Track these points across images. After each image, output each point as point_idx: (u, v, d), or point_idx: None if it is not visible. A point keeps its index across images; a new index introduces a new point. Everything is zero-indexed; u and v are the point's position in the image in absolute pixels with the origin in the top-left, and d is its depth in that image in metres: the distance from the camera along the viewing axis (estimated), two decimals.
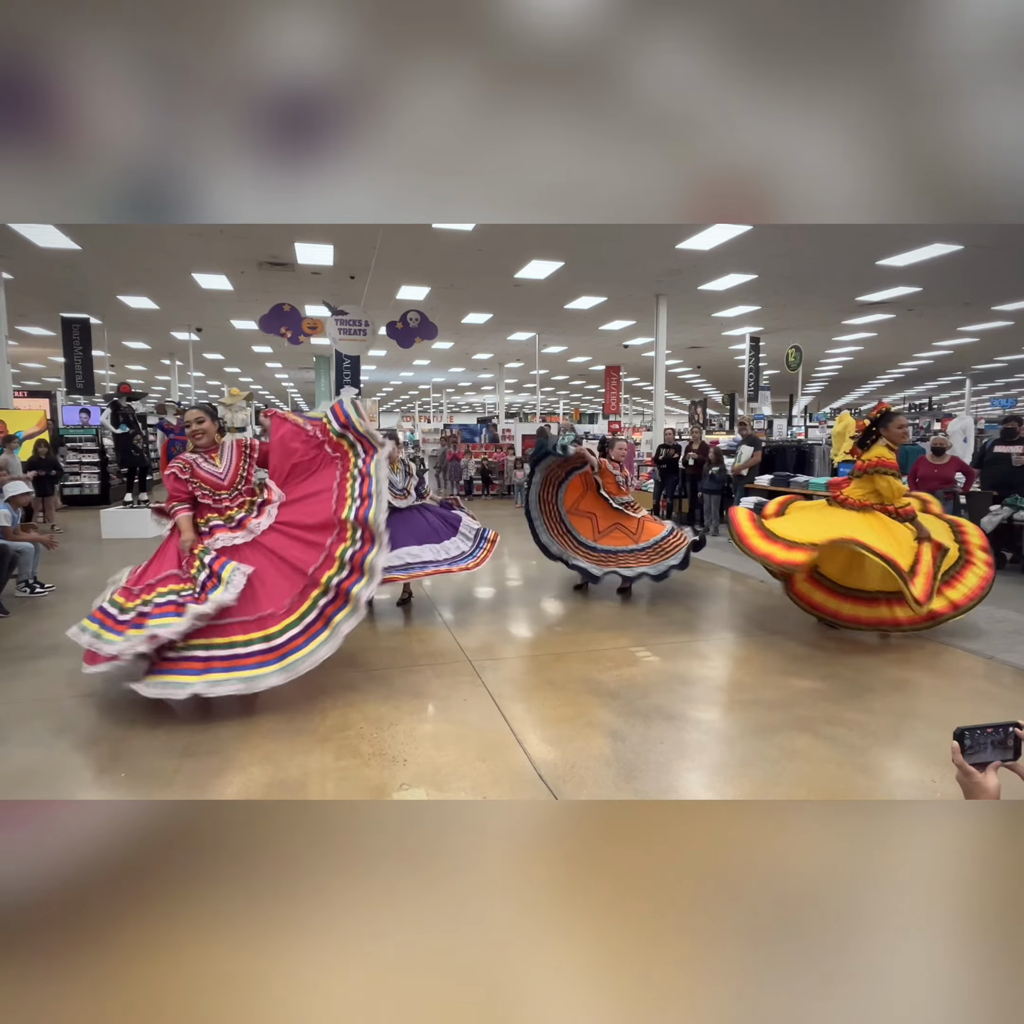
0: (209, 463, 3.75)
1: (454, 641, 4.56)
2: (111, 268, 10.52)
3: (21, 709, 3.41)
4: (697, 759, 2.97)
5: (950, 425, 13.20)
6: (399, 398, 35.99)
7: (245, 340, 17.18)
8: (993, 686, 3.82)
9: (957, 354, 19.67)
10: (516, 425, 17.63)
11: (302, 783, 2.72)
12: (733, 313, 13.95)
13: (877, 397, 31.89)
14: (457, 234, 8.92)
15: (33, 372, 23.43)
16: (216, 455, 3.80)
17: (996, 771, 1.11)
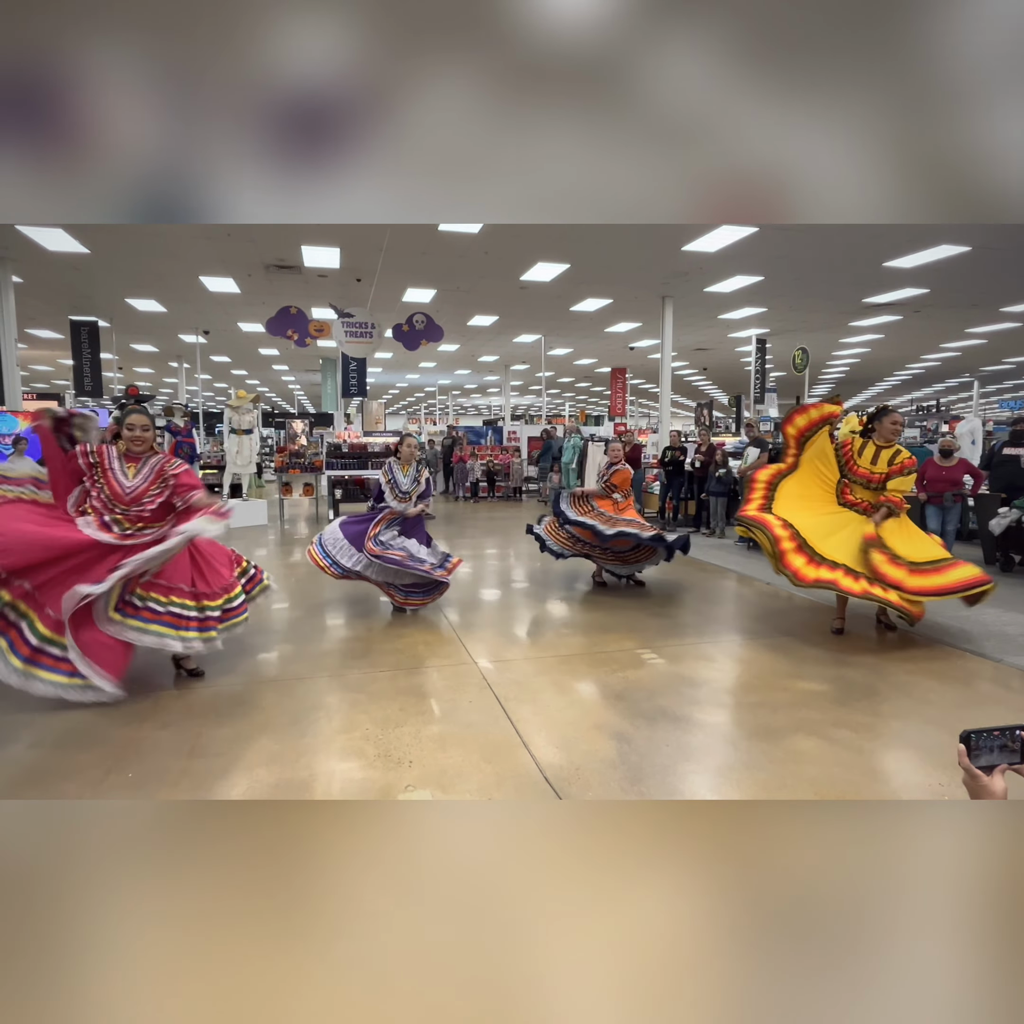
0: (123, 472, 3.58)
1: (460, 643, 4.57)
2: (119, 271, 10.60)
3: (29, 709, 3.42)
4: (703, 761, 2.96)
5: (958, 427, 13.14)
6: (405, 400, 36.07)
7: (252, 342, 17.27)
8: (1001, 689, 3.79)
9: (965, 356, 19.57)
10: (522, 427, 17.65)
11: (308, 784, 2.73)
12: (739, 315, 13.93)
13: (884, 399, 31.76)
14: (463, 236, 8.94)
15: (42, 375, 23.60)
16: (135, 467, 3.61)
17: (1003, 774, 1.10)
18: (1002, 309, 13.40)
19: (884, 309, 13.30)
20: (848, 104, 1.02)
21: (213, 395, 31.09)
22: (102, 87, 0.98)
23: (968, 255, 9.61)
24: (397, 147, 1.04)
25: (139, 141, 1.02)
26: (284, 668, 4.08)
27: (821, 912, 0.83)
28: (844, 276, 10.95)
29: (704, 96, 1.03)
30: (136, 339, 16.61)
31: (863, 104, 1.02)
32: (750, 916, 0.83)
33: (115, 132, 1.01)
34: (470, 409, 40.41)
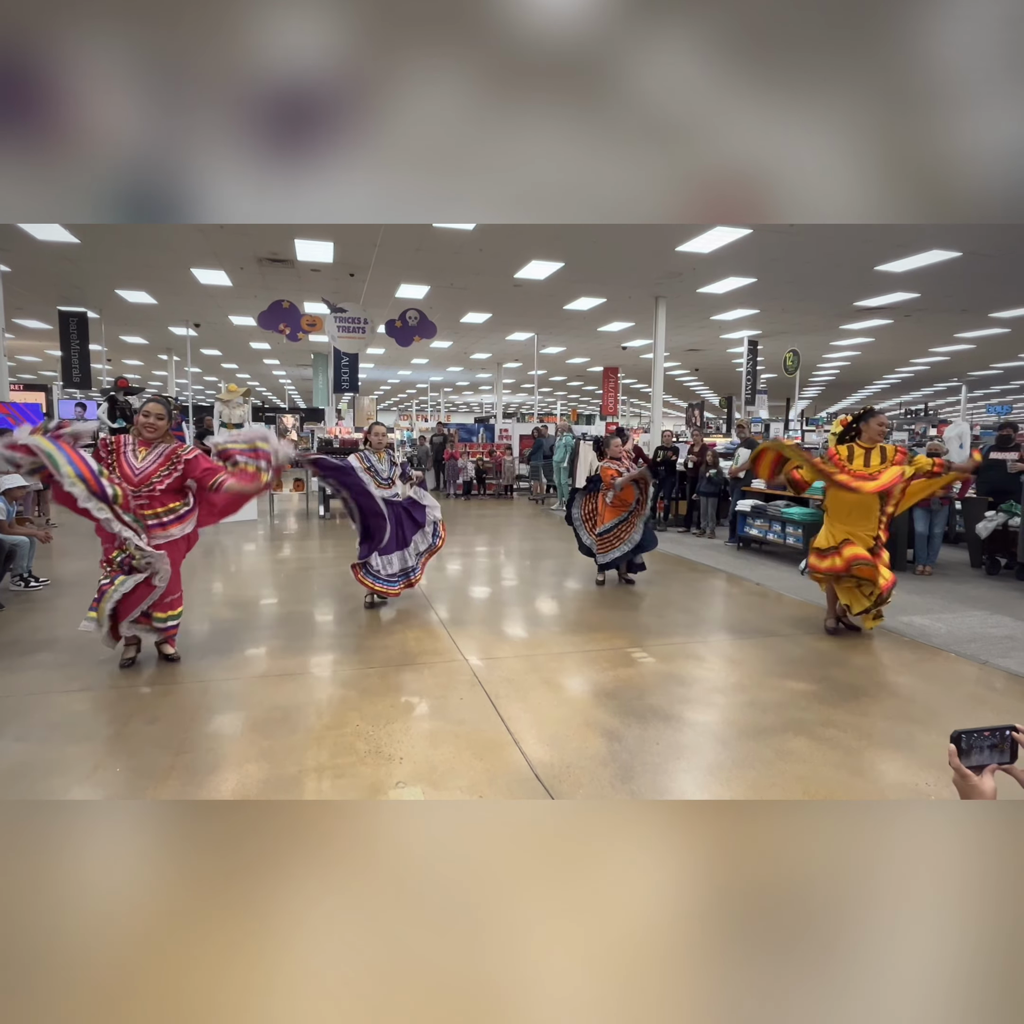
0: (134, 455, 3.73)
1: (451, 640, 4.57)
2: (109, 262, 10.50)
3: (15, 703, 3.40)
4: (693, 760, 2.98)
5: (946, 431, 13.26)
6: (397, 396, 35.96)
7: (243, 336, 17.15)
8: (986, 690, 3.84)
9: (953, 360, 19.75)
10: (514, 425, 17.64)
11: (298, 780, 2.72)
12: (732, 316, 13.99)
13: (874, 402, 31.98)
14: (458, 233, 8.92)
15: (30, 366, 23.34)
16: (145, 450, 3.76)
17: (992, 774, 1.12)
18: (991, 315, 13.54)
19: (875, 313, 13.40)
20: (835, 105, 1.03)
21: (203, 388, 30.87)
22: (86, 84, 0.97)
23: (959, 260, 9.69)
24: (383, 147, 1.04)
25: (121, 138, 1.00)
26: (274, 664, 4.06)
27: (813, 912, 0.84)
28: (836, 279, 11.02)
29: (690, 97, 1.03)
30: (126, 331, 16.46)
31: (850, 105, 1.03)
32: (738, 916, 0.83)
33: (98, 130, 0.99)
34: (462, 406, 40.35)
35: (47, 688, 3.59)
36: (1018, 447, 7.33)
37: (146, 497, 3.71)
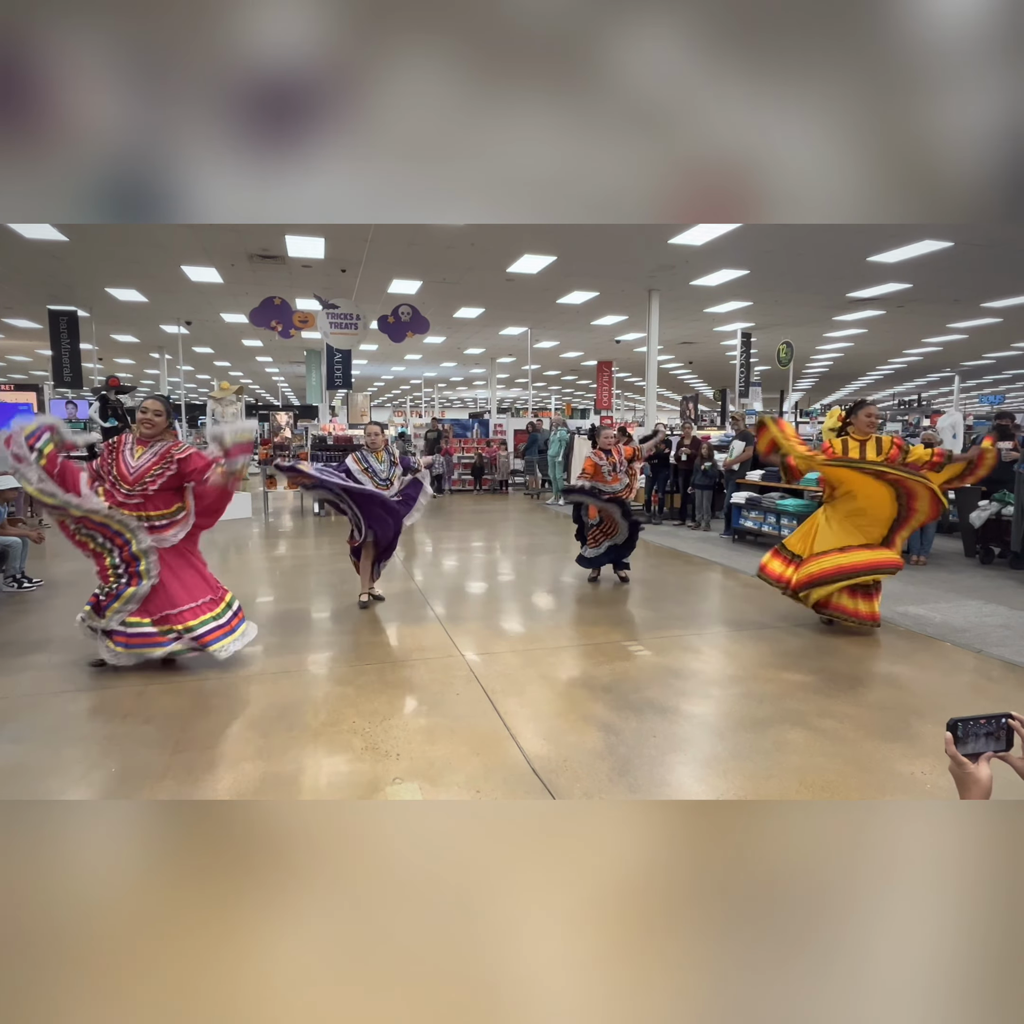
0: (132, 453, 3.74)
1: (447, 635, 4.56)
2: (99, 260, 10.42)
3: (9, 704, 3.38)
4: (690, 752, 2.98)
5: (939, 421, 13.31)
6: (390, 392, 35.86)
7: (235, 334, 17.06)
8: (982, 679, 3.85)
9: (946, 351, 19.79)
10: (508, 420, 17.61)
11: (295, 778, 2.71)
12: (725, 309, 13.98)
13: (867, 394, 32.05)
14: (449, 228, 8.88)
15: (20, 365, 23.17)
16: (143, 449, 3.75)
17: (988, 762, 1.12)
18: (983, 305, 13.56)
19: (868, 304, 13.40)
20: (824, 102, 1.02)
21: (196, 387, 30.72)
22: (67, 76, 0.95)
23: (950, 251, 9.70)
24: (369, 143, 1.02)
25: (105, 133, 0.98)
26: (269, 661, 4.05)
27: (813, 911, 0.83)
28: (829, 270, 11.02)
29: (676, 94, 1.02)
30: (116, 329, 16.35)
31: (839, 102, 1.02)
32: (738, 916, 0.83)
33: (81, 126, 0.97)
34: (456, 402, 40.28)
35: (42, 689, 3.57)
36: (1012, 436, 7.36)
37: (140, 496, 3.69)
